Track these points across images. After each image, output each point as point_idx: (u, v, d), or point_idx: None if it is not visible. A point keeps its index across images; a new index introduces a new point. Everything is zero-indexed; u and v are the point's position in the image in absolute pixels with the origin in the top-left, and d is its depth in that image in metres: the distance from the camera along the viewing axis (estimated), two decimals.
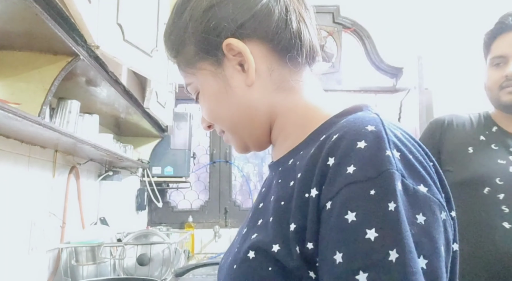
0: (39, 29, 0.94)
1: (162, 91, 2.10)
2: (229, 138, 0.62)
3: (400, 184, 0.39)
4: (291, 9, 0.55)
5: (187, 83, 0.62)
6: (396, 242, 0.36)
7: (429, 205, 0.39)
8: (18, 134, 1.17)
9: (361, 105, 0.51)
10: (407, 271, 0.35)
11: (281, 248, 0.44)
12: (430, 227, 0.39)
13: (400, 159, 0.40)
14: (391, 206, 0.37)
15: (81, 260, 1.49)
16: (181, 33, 0.58)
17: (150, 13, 1.55)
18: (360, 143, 0.41)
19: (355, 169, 0.40)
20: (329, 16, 3.39)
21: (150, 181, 2.52)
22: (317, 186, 0.43)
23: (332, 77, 3.35)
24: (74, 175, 1.69)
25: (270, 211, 0.49)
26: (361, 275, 0.36)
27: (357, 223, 0.38)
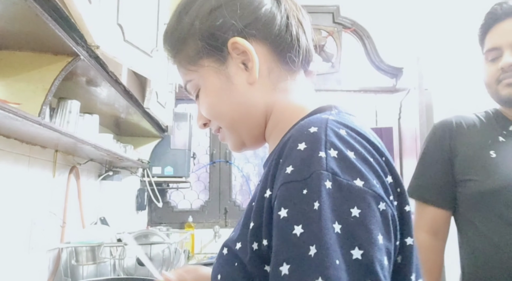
0: (39, 29, 0.94)
1: (162, 91, 2.10)
2: (226, 136, 0.63)
3: (330, 183, 0.41)
4: (291, 15, 0.59)
5: (187, 80, 0.62)
6: (316, 239, 0.39)
7: (363, 198, 0.41)
8: (18, 134, 1.17)
9: (327, 106, 0.55)
10: (323, 265, 0.38)
11: (241, 246, 0.48)
12: (365, 219, 0.40)
13: (336, 157, 0.43)
14: (316, 205, 0.40)
15: (81, 260, 1.49)
16: (185, 30, 0.59)
17: (150, 13, 1.55)
18: (301, 145, 0.44)
19: (292, 170, 0.43)
20: (329, 16, 3.39)
21: (150, 181, 2.52)
22: (270, 186, 0.46)
23: (332, 77, 3.35)
24: (74, 175, 1.69)
25: (246, 211, 0.52)
26: (284, 267, 0.39)
27: (287, 219, 0.41)
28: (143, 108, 1.84)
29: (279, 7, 0.58)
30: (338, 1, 3.38)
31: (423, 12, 3.08)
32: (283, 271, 0.39)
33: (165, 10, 1.69)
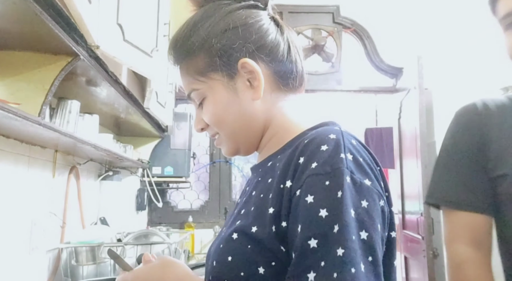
0: (39, 29, 0.94)
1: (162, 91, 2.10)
2: (223, 142, 0.70)
3: (349, 178, 0.52)
4: (292, 44, 0.69)
5: (193, 88, 0.68)
6: (339, 219, 0.49)
7: (371, 194, 0.53)
8: (18, 134, 1.17)
9: (328, 121, 0.65)
10: (344, 238, 0.48)
11: (258, 229, 0.55)
12: (371, 210, 0.52)
13: (352, 160, 0.54)
14: (339, 194, 0.50)
15: (81, 260, 1.49)
16: (199, 43, 0.65)
17: (150, 13, 1.55)
18: (323, 147, 0.54)
19: (317, 165, 0.53)
20: (329, 16, 3.39)
21: (150, 181, 2.52)
22: (291, 178, 0.55)
23: (332, 77, 3.35)
24: (74, 175, 1.69)
25: (252, 202, 0.60)
26: (312, 241, 0.49)
27: (314, 204, 0.51)
28: (143, 108, 1.84)
29: (282, 36, 0.68)
30: (338, 1, 3.38)
31: (423, 12, 3.08)
32: (312, 244, 0.49)
33: (165, 10, 1.69)
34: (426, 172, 2.60)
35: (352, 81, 3.39)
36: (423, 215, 2.58)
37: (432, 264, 2.50)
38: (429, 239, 2.52)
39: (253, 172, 0.71)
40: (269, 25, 0.67)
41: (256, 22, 0.66)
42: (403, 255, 3.14)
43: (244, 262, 0.55)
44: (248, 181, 0.73)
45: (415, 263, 2.83)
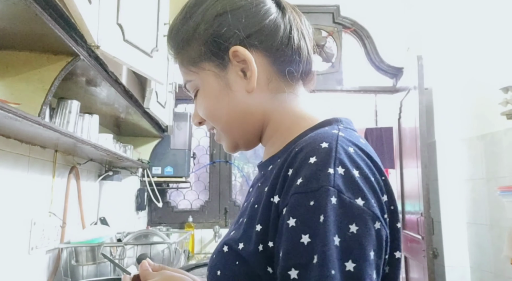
0: (39, 29, 0.94)
1: (162, 91, 2.10)
2: (221, 137, 0.66)
3: (335, 199, 0.45)
4: (294, 27, 0.62)
5: (187, 80, 0.64)
6: (318, 249, 0.43)
7: (362, 217, 0.45)
8: (18, 134, 1.17)
9: (333, 119, 0.59)
10: (322, 274, 0.42)
11: (244, 246, 0.51)
12: (361, 236, 0.44)
13: (342, 175, 0.46)
14: (321, 218, 0.44)
15: (81, 260, 1.49)
16: (190, 31, 0.61)
17: (150, 13, 1.55)
18: (312, 159, 0.48)
19: (301, 181, 0.46)
20: (329, 16, 3.39)
21: (150, 181, 2.52)
22: (279, 193, 0.50)
23: (332, 77, 3.35)
24: (74, 175, 1.69)
25: (248, 211, 0.55)
26: (293, 271, 0.44)
27: (296, 228, 0.45)
28: (143, 108, 1.84)
29: (284, 18, 0.61)
30: (338, 1, 3.38)
31: (423, 12, 3.08)
32: (292, 275, 0.44)
33: (165, 10, 1.69)
34: (426, 172, 2.60)
35: (352, 81, 3.39)
36: (423, 215, 2.58)
37: (432, 264, 2.50)
38: (429, 239, 2.52)
39: (259, 171, 0.66)
40: (268, 7, 0.60)
41: (250, 5, 0.59)
42: (403, 255, 3.14)
43: (230, 278, 0.52)
44: (253, 181, 0.68)
45: (415, 263, 2.83)
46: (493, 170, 2.46)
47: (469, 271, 2.70)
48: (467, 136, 2.75)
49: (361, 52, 3.43)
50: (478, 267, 2.63)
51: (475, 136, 2.65)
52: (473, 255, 2.67)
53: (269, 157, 0.62)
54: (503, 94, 2.20)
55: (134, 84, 1.83)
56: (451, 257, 2.72)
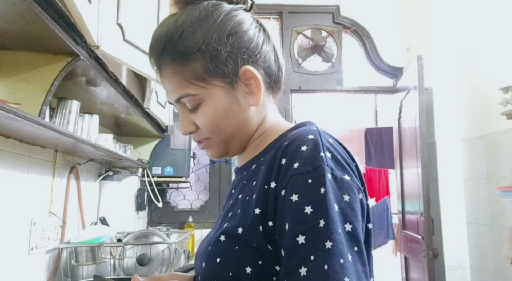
0: (39, 29, 0.94)
1: (162, 91, 2.10)
2: (213, 145, 0.69)
3: (330, 175, 0.54)
4: (277, 50, 0.70)
5: (188, 93, 0.64)
6: (324, 215, 0.51)
7: (351, 188, 0.55)
8: (18, 134, 1.17)
9: (306, 122, 0.68)
10: (331, 232, 0.50)
11: (244, 229, 0.57)
12: (353, 203, 0.54)
13: (331, 158, 0.56)
14: (322, 191, 0.53)
15: (81, 260, 1.49)
16: (197, 45, 0.62)
17: (150, 13, 1.55)
18: (303, 147, 0.56)
19: (299, 165, 0.55)
20: (329, 16, 3.39)
21: (150, 181, 2.52)
22: (275, 179, 0.57)
23: (332, 77, 3.35)
24: (74, 175, 1.69)
25: (238, 205, 0.62)
26: (300, 237, 0.51)
27: (298, 202, 0.53)
28: (143, 108, 1.84)
29: (269, 42, 0.69)
30: (338, 1, 3.38)
31: (423, 12, 3.08)
32: (300, 240, 0.51)
33: (165, 10, 1.69)
34: (426, 172, 2.60)
35: (352, 81, 3.39)
36: (423, 215, 2.58)
37: (432, 264, 2.50)
38: (429, 239, 2.52)
39: (238, 174, 0.72)
40: (259, 32, 0.67)
41: (251, 28, 0.66)
42: (403, 255, 3.13)
43: (232, 262, 0.57)
44: (233, 184, 0.73)
45: (415, 263, 2.83)
46: (493, 170, 2.46)
47: (469, 271, 2.70)
48: (467, 136, 2.75)
49: (361, 52, 3.43)
50: (478, 267, 2.63)
51: (475, 136, 2.65)
52: (473, 255, 2.67)
53: (250, 159, 0.69)
54: (503, 94, 2.20)
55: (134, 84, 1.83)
56: (451, 257, 2.72)
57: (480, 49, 2.62)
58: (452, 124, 2.85)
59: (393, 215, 4.21)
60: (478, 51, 2.65)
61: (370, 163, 3.85)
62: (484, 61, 2.57)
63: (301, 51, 3.32)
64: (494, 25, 2.48)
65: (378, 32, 3.37)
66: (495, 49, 2.47)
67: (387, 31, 3.39)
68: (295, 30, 3.35)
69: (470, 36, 2.74)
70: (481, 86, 2.60)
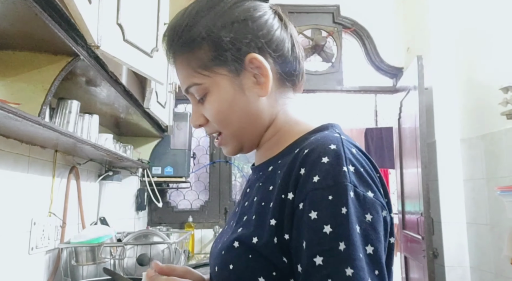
0: (39, 29, 0.94)
1: (162, 91, 2.10)
2: (227, 141, 0.66)
3: (352, 193, 0.50)
4: (294, 38, 0.67)
5: (194, 83, 0.63)
6: (345, 237, 0.48)
7: (374, 207, 0.52)
8: (18, 134, 1.17)
9: (328, 124, 0.64)
10: (352, 257, 0.47)
11: (259, 240, 0.55)
12: (375, 223, 0.51)
13: (354, 172, 0.52)
14: (343, 210, 0.49)
15: (81, 260, 1.49)
16: (203, 33, 0.61)
17: (150, 13, 1.55)
18: (324, 159, 0.53)
19: (319, 179, 0.51)
20: (329, 16, 3.39)
21: (150, 181, 2.52)
22: (293, 190, 0.54)
23: (332, 77, 3.35)
24: (74, 175, 1.69)
25: (253, 210, 0.59)
26: (318, 258, 0.48)
27: (318, 220, 0.50)
28: (143, 108, 1.84)
29: (287, 31, 0.66)
30: (338, 1, 3.38)
31: (423, 12, 3.08)
32: (317, 261, 0.48)
33: (165, 10, 1.69)
34: (426, 172, 2.60)
35: (352, 81, 3.39)
36: (423, 215, 2.58)
37: (432, 264, 2.50)
38: (429, 239, 2.52)
39: (254, 173, 0.69)
40: (273, 19, 0.64)
41: (263, 16, 0.63)
42: (403, 255, 3.13)
43: (244, 271, 0.55)
44: (249, 181, 0.71)
45: (415, 263, 2.83)
46: (493, 170, 2.46)
47: (469, 271, 2.70)
48: (467, 136, 2.75)
49: (361, 52, 3.43)
50: (478, 267, 2.63)
51: (475, 136, 2.65)
52: (473, 255, 2.67)
53: (267, 159, 0.65)
54: (503, 94, 2.20)
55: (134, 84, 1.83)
56: (451, 257, 2.72)
57: (480, 49, 2.62)
58: (452, 124, 2.85)
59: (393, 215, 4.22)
60: (478, 51, 2.65)
61: None
62: (484, 61, 2.57)
63: None
64: (494, 25, 2.48)
65: (378, 32, 3.37)
66: (495, 49, 2.47)
67: (387, 31, 3.39)
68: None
69: (470, 36, 2.74)
70: (481, 86, 2.60)
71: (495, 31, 2.47)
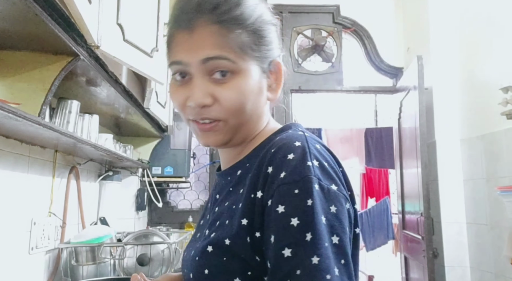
0: (39, 29, 0.94)
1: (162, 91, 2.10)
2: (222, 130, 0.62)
3: (317, 185, 0.52)
4: None
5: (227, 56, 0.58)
6: (311, 228, 0.50)
7: (338, 199, 0.54)
8: (18, 134, 1.17)
9: (291, 124, 0.67)
10: (317, 246, 0.49)
11: (231, 241, 0.56)
12: (340, 214, 0.53)
13: (318, 166, 0.54)
14: (309, 202, 0.51)
15: (81, 260, 1.49)
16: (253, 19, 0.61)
17: (150, 13, 1.55)
18: (290, 155, 0.55)
19: (285, 174, 0.53)
20: (329, 16, 3.39)
21: (150, 181, 2.52)
22: (261, 188, 0.55)
23: (332, 77, 3.35)
24: (74, 175, 1.69)
25: (225, 214, 0.60)
26: (286, 250, 0.50)
27: (285, 213, 0.51)
28: (143, 108, 1.84)
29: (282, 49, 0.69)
30: (338, 1, 3.38)
31: (423, 12, 3.08)
32: (286, 253, 0.50)
33: (165, 10, 1.69)
34: (426, 172, 2.60)
35: (352, 81, 3.39)
36: (423, 215, 2.58)
37: (432, 264, 2.50)
38: (429, 239, 2.52)
39: (222, 178, 0.69)
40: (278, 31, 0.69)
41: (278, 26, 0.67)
42: (403, 255, 3.13)
43: (220, 274, 0.56)
44: (217, 188, 0.70)
45: (415, 263, 2.83)
46: (493, 170, 2.46)
47: (469, 271, 2.70)
48: (467, 136, 2.75)
49: (361, 52, 3.43)
50: (478, 267, 2.63)
51: (475, 136, 2.65)
52: (473, 255, 2.67)
53: (234, 163, 0.66)
54: (503, 94, 2.20)
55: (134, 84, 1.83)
56: (451, 257, 2.72)
57: (480, 49, 2.62)
58: (452, 124, 2.85)
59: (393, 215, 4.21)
60: (478, 51, 2.65)
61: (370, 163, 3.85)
62: (484, 61, 2.57)
63: (301, 51, 3.32)
64: (494, 25, 2.48)
65: (378, 32, 3.37)
66: (495, 49, 2.47)
67: (387, 31, 3.39)
68: (295, 30, 3.35)
69: (470, 36, 2.74)
70: (481, 86, 2.60)
71: (495, 31, 2.47)
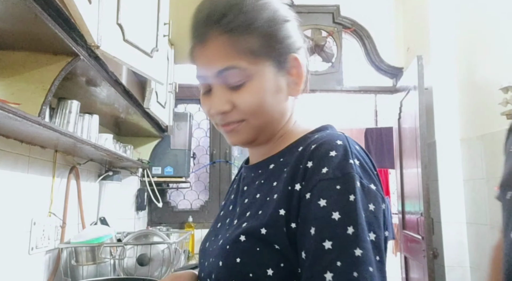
0: (39, 29, 0.94)
1: (162, 91, 2.10)
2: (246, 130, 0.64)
3: (359, 183, 0.54)
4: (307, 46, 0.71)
5: (237, 66, 0.60)
6: (353, 222, 0.52)
7: (376, 198, 0.56)
8: (18, 134, 1.17)
9: (327, 125, 0.68)
10: (359, 239, 0.51)
11: (268, 230, 0.57)
12: (377, 213, 0.55)
13: (359, 166, 0.56)
14: (352, 198, 0.53)
15: (81, 260, 1.49)
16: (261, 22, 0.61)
17: (150, 13, 1.55)
18: (332, 152, 0.56)
19: (328, 170, 0.55)
20: (329, 16, 3.39)
21: (150, 181, 2.52)
22: (300, 181, 0.57)
23: (332, 77, 3.35)
24: (74, 175, 1.69)
25: (258, 205, 0.61)
26: (327, 243, 0.51)
27: (327, 207, 0.53)
28: (143, 108, 1.84)
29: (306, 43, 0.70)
30: (338, 1, 3.38)
31: (422, 12, 3.08)
32: (326, 246, 0.51)
33: (165, 10, 1.69)
34: (426, 172, 2.60)
35: (352, 81, 3.39)
36: (423, 215, 2.58)
37: (432, 264, 2.50)
38: (429, 239, 2.52)
39: (251, 172, 0.69)
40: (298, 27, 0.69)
41: (295, 22, 0.67)
42: (403, 255, 3.13)
43: (253, 263, 0.56)
44: (244, 181, 0.70)
45: (415, 263, 2.83)
46: (493, 170, 2.46)
47: (469, 271, 2.70)
48: (467, 136, 2.75)
49: (361, 52, 3.43)
50: (478, 267, 2.63)
51: (475, 136, 2.65)
52: (473, 255, 2.67)
53: (267, 157, 0.67)
54: (503, 94, 2.20)
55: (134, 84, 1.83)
56: (451, 257, 2.72)
57: (480, 49, 2.62)
58: (452, 124, 2.85)
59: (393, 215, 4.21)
60: (478, 51, 2.65)
61: None
62: (484, 61, 2.57)
63: None
64: (494, 25, 2.48)
65: (378, 32, 3.37)
66: (495, 49, 2.47)
67: (387, 31, 3.39)
68: None
69: (470, 36, 2.74)
70: (481, 86, 2.60)
71: (495, 31, 2.47)
